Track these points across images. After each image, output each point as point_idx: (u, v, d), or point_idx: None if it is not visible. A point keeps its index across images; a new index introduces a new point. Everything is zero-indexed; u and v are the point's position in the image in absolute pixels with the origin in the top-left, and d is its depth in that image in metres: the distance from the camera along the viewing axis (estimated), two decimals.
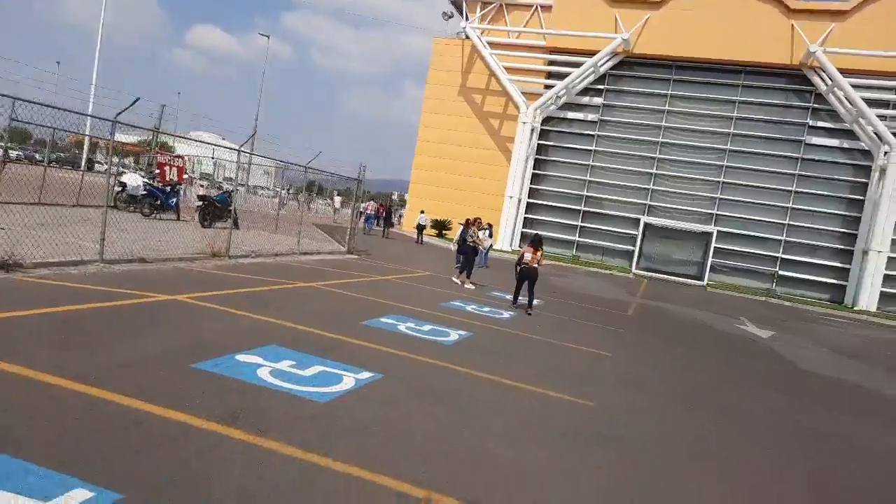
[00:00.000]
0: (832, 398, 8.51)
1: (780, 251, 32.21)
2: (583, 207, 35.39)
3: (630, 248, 33.92)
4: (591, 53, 32.78)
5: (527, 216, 36.06)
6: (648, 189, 34.25)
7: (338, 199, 40.84)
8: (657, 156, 34.08)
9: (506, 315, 10.90)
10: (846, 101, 30.09)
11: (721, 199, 33.16)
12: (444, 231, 35.74)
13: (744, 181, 32.85)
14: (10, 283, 6.92)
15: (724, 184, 33.11)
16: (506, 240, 33.14)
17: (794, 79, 31.76)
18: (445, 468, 3.93)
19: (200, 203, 16.82)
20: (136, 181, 16.92)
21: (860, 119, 29.69)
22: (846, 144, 31.33)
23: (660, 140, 34.04)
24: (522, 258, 11.97)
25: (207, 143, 16.96)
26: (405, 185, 40.23)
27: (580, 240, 35.48)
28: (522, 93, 34.00)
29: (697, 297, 23.62)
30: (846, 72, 28.90)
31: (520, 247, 35.37)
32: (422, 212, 32.39)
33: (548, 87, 34.08)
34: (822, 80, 30.46)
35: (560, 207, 35.88)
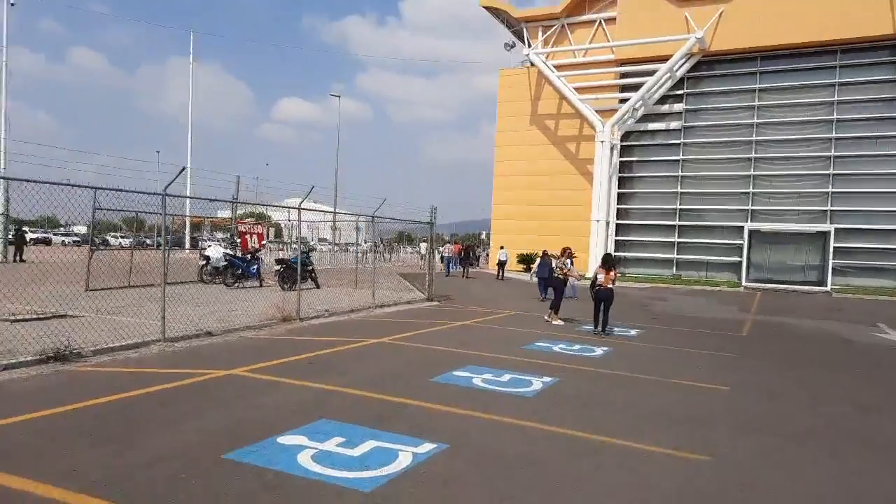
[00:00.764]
0: None
1: None
2: (678, 222, 33.18)
3: (737, 260, 31.25)
4: (665, 59, 31.14)
5: (618, 238, 34.27)
6: (749, 193, 31.62)
7: (423, 246, 40.89)
8: (753, 155, 31.52)
9: (598, 352, 9.75)
10: None
11: (834, 194, 29.98)
12: (532, 265, 34.55)
13: (857, 170, 29.60)
14: (62, 376, 6.75)
15: (836, 176, 29.98)
16: (596, 266, 31.50)
17: None
18: None
19: (279, 267, 16.90)
20: (218, 253, 17.32)
21: None
22: None
23: (754, 138, 31.52)
24: (596, 279, 11.65)
25: (288, 208, 17.13)
26: (490, 224, 39.64)
27: (679, 257, 33.17)
28: (597, 111, 32.75)
29: (822, 306, 21.03)
30: None
31: None
32: (501, 247, 31.78)
33: (622, 101, 32.64)
34: None
35: (653, 225, 33.84)
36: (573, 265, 13.42)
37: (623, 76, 33.76)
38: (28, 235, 34.30)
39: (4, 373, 6.58)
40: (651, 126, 33.82)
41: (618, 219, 34.21)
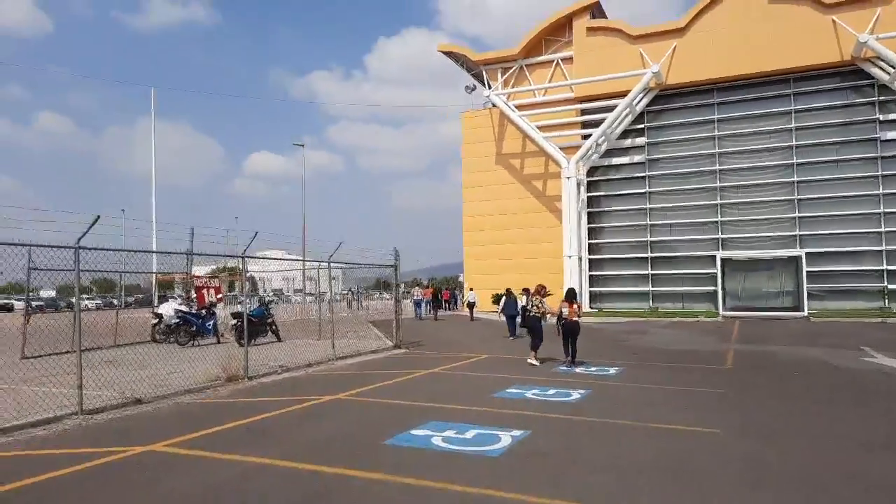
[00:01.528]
0: None
1: (884, 262, 28.49)
2: (650, 254, 32.89)
3: (712, 289, 30.92)
4: (624, 94, 31.36)
5: (592, 273, 33.81)
6: (717, 222, 31.56)
7: (416, 291, 40.00)
8: (719, 185, 31.60)
9: (575, 396, 8.92)
10: None
11: (801, 218, 30.05)
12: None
13: (822, 193, 29.79)
14: None
15: (801, 200, 30.11)
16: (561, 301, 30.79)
17: (850, 75, 29.17)
18: None
19: (235, 321, 15.86)
20: (170, 310, 16.25)
21: None
22: None
23: (718, 168, 31.66)
24: (562, 314, 12.00)
25: (236, 256, 16.13)
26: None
27: (655, 289, 32.75)
28: (561, 148, 32.69)
29: (802, 331, 20.57)
30: None
31: (590, 308, 32.99)
32: (470, 289, 31.68)
33: (585, 138, 32.66)
34: (883, 70, 27.75)
35: (626, 259, 33.50)
36: (546, 303, 12.81)
37: (584, 113, 33.93)
38: None
39: None
40: (615, 160, 33.87)
41: (590, 254, 33.83)
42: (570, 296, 12.37)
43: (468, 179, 37.27)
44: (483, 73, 36.20)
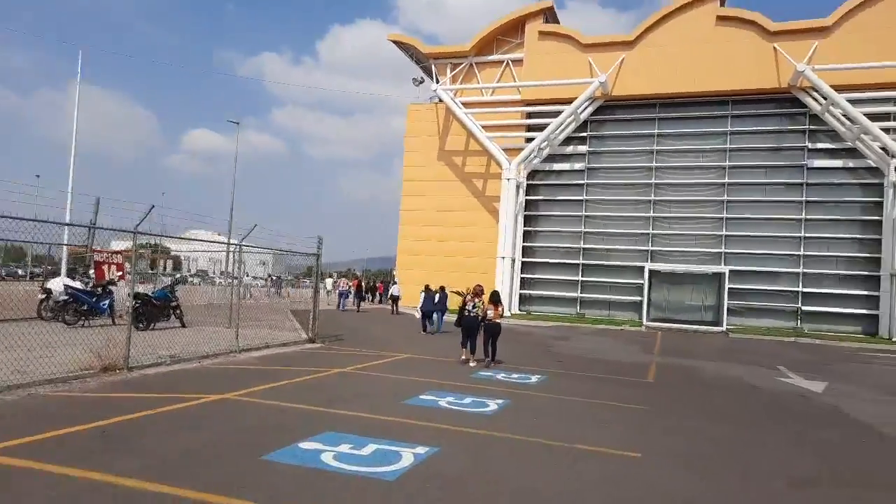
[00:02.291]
0: None
1: (800, 284, 29.61)
2: (581, 261, 33.05)
3: (638, 299, 31.33)
4: (570, 101, 31.34)
5: (523, 276, 33.70)
6: (648, 234, 32.02)
7: (329, 281, 38.90)
8: (653, 198, 32.06)
9: (492, 406, 8.30)
10: (844, 119, 28.35)
11: (728, 237, 30.85)
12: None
13: (749, 214, 30.67)
14: None
15: (729, 219, 30.91)
16: (503, 304, 30.48)
17: (786, 102, 30.14)
18: None
19: (135, 302, 14.44)
20: (60, 286, 14.66)
21: (863, 135, 27.84)
22: (851, 164, 29.32)
23: (653, 181, 32.11)
24: (486, 315, 12.45)
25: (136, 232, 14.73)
26: None
27: (583, 296, 32.94)
28: (503, 149, 32.35)
29: (721, 347, 20.89)
30: (840, 88, 27.27)
31: (519, 310, 32.83)
32: (394, 283, 31.73)
33: (529, 141, 32.48)
34: (816, 100, 28.80)
35: (558, 264, 33.54)
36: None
37: (529, 116, 33.73)
38: None
39: None
40: (556, 166, 33.85)
41: (523, 256, 33.69)
42: (495, 298, 12.82)
43: (409, 172, 36.42)
44: (432, 67, 35.46)
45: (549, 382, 10.84)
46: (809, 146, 29.82)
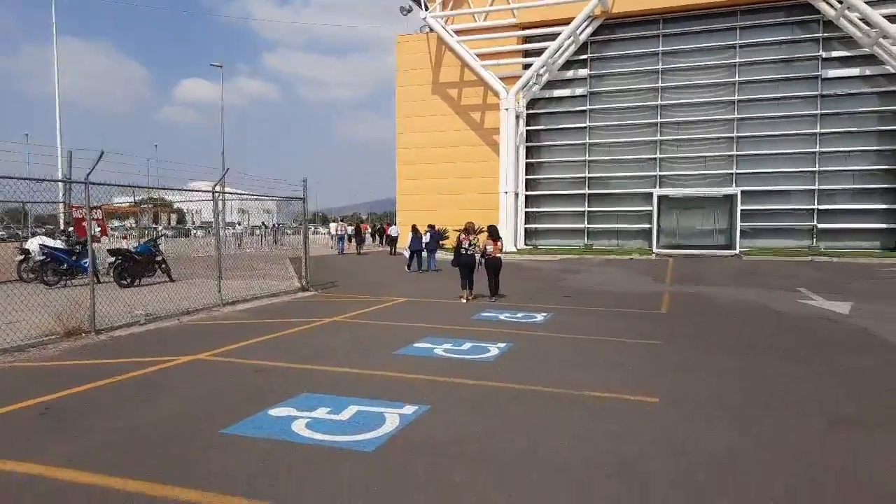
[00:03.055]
0: None
1: (815, 202, 28.54)
2: (587, 191, 31.99)
3: (647, 227, 30.43)
4: (568, 22, 29.48)
5: (528, 210, 32.78)
6: (656, 158, 30.78)
7: (333, 226, 37.76)
8: (659, 120, 30.64)
9: (493, 352, 7.59)
10: (861, 24, 26.51)
11: (739, 157, 29.60)
12: (441, 241, 32.44)
13: (761, 132, 29.29)
14: None
15: (740, 138, 29.57)
16: (508, 240, 29.66)
17: (797, 10, 28.24)
18: None
19: (113, 259, 13.75)
20: (36, 245, 13.92)
21: (881, 40, 26.03)
22: (868, 71, 27.70)
23: (659, 103, 30.62)
24: (486, 251, 12.40)
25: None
26: None
27: (591, 226, 32.06)
28: (500, 78, 30.77)
29: (735, 270, 20.11)
30: None
31: (525, 245, 32.08)
32: (391, 224, 31.73)
33: (526, 67, 30.81)
34: (830, 5, 26.89)
35: (563, 195, 32.52)
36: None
37: (526, 41, 31.95)
38: None
39: None
40: (557, 93, 32.31)
41: (527, 190, 32.67)
42: (494, 233, 12.65)
43: (403, 109, 34.95)
44: None
45: (556, 320, 10.13)
46: (823, 55, 28.14)
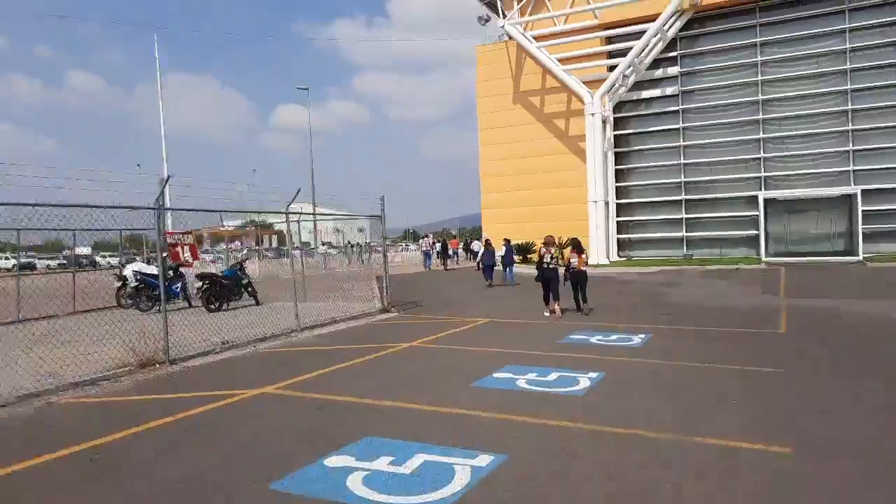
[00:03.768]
0: None
1: None
2: (684, 196, 30.03)
3: (753, 233, 28.09)
4: (653, 18, 27.94)
5: (620, 219, 31.19)
6: (760, 158, 28.41)
7: (424, 241, 37.34)
8: (761, 117, 28.31)
9: (583, 383, 6.69)
10: None
11: (856, 152, 26.75)
12: (528, 255, 31.51)
13: (880, 123, 26.34)
14: None
15: (855, 132, 26.74)
16: (599, 251, 28.29)
17: None
18: None
19: (201, 284, 13.93)
20: (131, 272, 14.39)
21: None
22: None
23: (760, 98, 28.31)
24: (570, 264, 12.33)
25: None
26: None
27: (690, 234, 30.03)
28: (584, 82, 29.60)
29: (861, 279, 17.88)
30: None
31: (618, 256, 30.53)
32: (476, 239, 31.54)
33: (611, 69, 29.45)
34: None
35: (657, 202, 30.71)
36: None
37: (609, 41, 30.60)
38: None
39: None
40: (645, 94, 30.67)
41: (618, 198, 31.12)
42: (577, 246, 12.62)
43: (485, 120, 34.44)
44: (497, 2, 32.83)
45: (656, 343, 9.05)
46: None
